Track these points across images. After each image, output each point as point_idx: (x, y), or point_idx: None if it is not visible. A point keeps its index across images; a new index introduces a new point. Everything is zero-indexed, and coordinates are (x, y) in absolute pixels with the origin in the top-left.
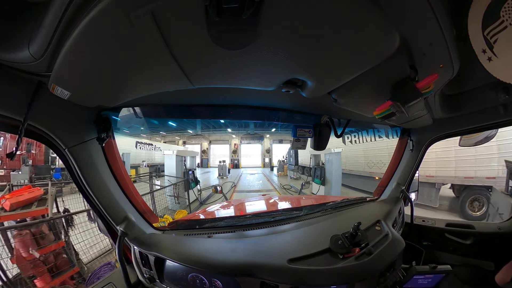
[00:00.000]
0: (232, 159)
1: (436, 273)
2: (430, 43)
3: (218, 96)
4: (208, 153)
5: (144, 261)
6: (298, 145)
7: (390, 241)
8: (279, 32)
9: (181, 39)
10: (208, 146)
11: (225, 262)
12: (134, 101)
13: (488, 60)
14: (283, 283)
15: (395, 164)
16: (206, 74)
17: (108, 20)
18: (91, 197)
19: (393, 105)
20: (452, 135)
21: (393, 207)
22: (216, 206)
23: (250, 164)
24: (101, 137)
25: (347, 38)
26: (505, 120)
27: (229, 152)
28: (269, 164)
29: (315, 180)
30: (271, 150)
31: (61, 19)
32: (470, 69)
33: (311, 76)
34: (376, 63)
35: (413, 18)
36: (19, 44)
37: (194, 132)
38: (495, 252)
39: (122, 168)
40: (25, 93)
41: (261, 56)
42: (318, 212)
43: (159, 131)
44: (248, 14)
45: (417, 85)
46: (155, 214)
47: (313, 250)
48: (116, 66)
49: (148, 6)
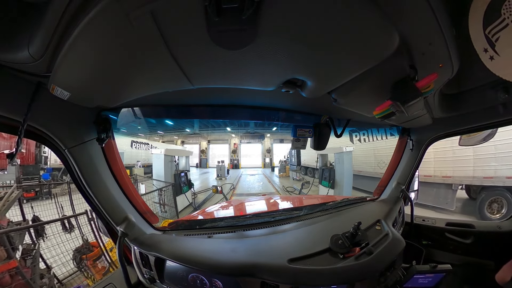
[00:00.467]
0: (231, 159)
1: (436, 272)
2: (430, 42)
3: (217, 96)
4: (207, 153)
5: (144, 261)
6: (298, 145)
7: (390, 241)
8: (279, 32)
9: (181, 39)
10: (207, 145)
11: (226, 262)
12: (134, 101)
13: (490, 59)
14: (284, 283)
15: (395, 164)
16: (206, 74)
17: (107, 21)
18: (91, 198)
19: (393, 104)
20: (451, 135)
21: (393, 207)
22: (216, 206)
23: (250, 165)
24: (101, 137)
25: (347, 38)
26: (505, 120)
27: (229, 152)
28: (270, 164)
29: (322, 182)
30: (271, 149)
31: (60, 19)
32: (469, 68)
33: (311, 76)
34: (376, 62)
35: (412, 17)
36: (19, 44)
37: (191, 131)
38: (495, 251)
39: (122, 169)
40: (25, 93)
41: (261, 56)
42: (318, 212)
43: (157, 130)
44: (247, 14)
45: (417, 85)
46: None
47: (313, 250)
48: (116, 67)
49: (148, 6)
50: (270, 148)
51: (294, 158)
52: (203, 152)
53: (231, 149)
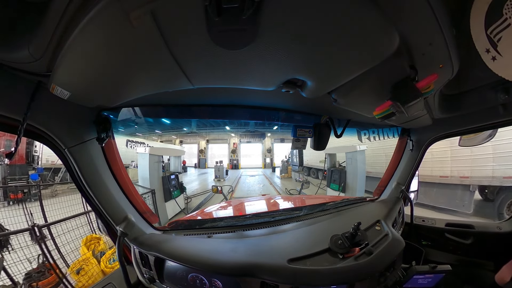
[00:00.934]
0: (231, 159)
1: (436, 272)
2: (430, 43)
3: (217, 96)
4: (206, 153)
5: (144, 261)
6: (298, 145)
7: (390, 241)
8: (279, 32)
9: (181, 39)
10: (206, 145)
11: (225, 262)
12: (134, 101)
13: (492, 60)
14: (283, 283)
15: (395, 164)
16: (206, 74)
17: (108, 20)
18: (91, 197)
19: (393, 105)
20: (451, 135)
21: (393, 207)
22: (216, 206)
23: (250, 165)
24: (101, 137)
25: (347, 38)
26: (505, 120)
27: (228, 152)
28: (270, 165)
29: (331, 185)
30: (272, 149)
31: (61, 18)
32: (470, 69)
33: (311, 76)
34: (376, 63)
35: (412, 17)
36: (19, 43)
37: (188, 130)
38: (495, 252)
39: (122, 168)
40: (25, 93)
41: (261, 56)
42: (318, 212)
43: (155, 130)
44: (248, 14)
45: (417, 85)
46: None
47: (313, 250)
48: (116, 66)
49: (148, 6)
50: (270, 148)
51: (296, 158)
52: (202, 152)
53: (230, 149)
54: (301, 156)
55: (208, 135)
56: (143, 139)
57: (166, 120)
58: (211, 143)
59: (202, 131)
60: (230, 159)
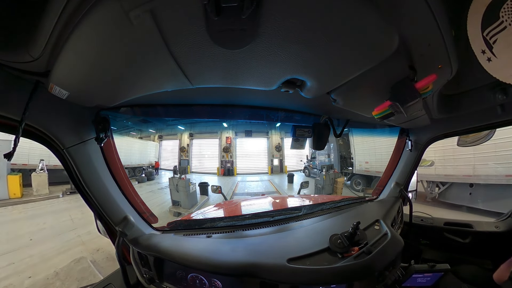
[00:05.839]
0: (222, 160)
1: (435, 271)
2: (429, 44)
3: (217, 96)
4: (189, 152)
5: (143, 261)
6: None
7: (389, 240)
8: (279, 32)
9: (181, 39)
10: (189, 141)
11: (225, 262)
12: (133, 100)
13: (487, 61)
14: (283, 282)
15: (394, 164)
16: (206, 74)
17: (107, 19)
18: (89, 198)
19: (392, 105)
20: (450, 135)
21: (392, 207)
22: (216, 207)
23: (250, 169)
24: (100, 137)
25: (347, 38)
26: (503, 121)
27: (219, 150)
28: (280, 168)
29: None
30: (282, 146)
31: (59, 18)
32: (468, 69)
33: (310, 76)
34: (375, 63)
35: (412, 19)
36: (17, 43)
37: (164, 124)
38: (493, 251)
39: (121, 168)
40: (23, 92)
41: (261, 55)
42: (318, 212)
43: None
44: (247, 13)
45: (416, 86)
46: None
47: (312, 249)
48: (115, 66)
49: (148, 5)
50: (280, 144)
51: (330, 158)
52: (184, 150)
53: (222, 146)
54: (344, 157)
55: (192, 128)
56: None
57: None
58: (197, 138)
59: (181, 123)
60: (222, 161)
